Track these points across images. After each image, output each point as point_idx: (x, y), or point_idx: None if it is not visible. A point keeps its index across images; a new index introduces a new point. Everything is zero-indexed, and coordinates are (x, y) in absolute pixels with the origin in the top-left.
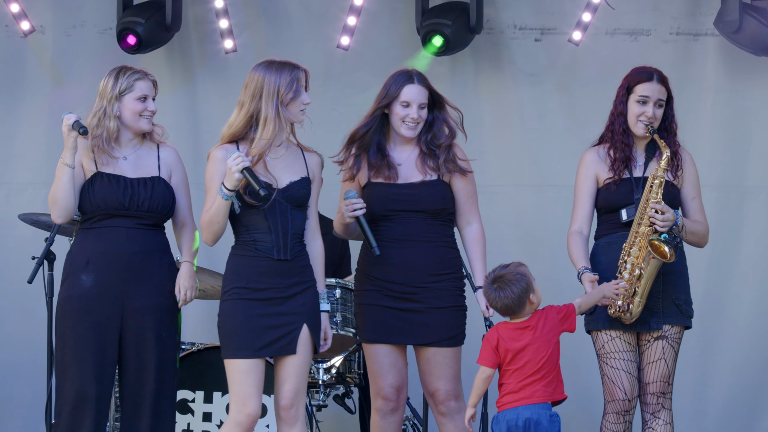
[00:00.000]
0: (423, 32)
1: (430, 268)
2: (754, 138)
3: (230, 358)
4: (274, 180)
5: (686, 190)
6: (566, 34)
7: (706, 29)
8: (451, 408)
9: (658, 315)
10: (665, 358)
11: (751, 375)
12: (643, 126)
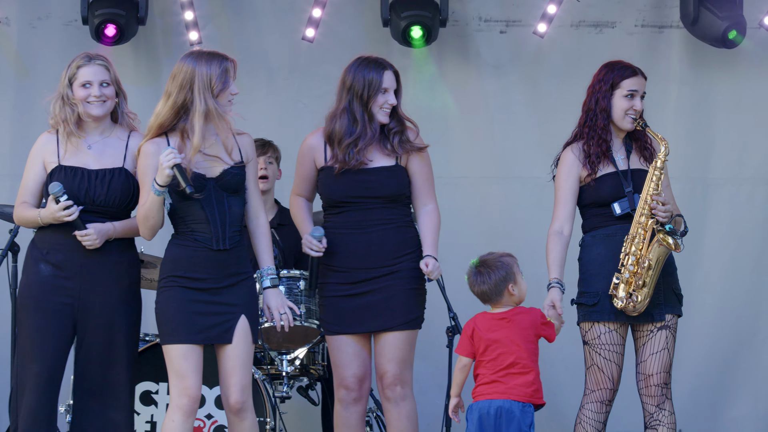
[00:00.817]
0: (403, 24)
1: (391, 249)
2: (719, 130)
3: (167, 344)
4: (204, 170)
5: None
6: (531, 26)
7: (671, 21)
8: (396, 393)
9: (660, 306)
10: (668, 348)
11: (716, 366)
12: (631, 120)
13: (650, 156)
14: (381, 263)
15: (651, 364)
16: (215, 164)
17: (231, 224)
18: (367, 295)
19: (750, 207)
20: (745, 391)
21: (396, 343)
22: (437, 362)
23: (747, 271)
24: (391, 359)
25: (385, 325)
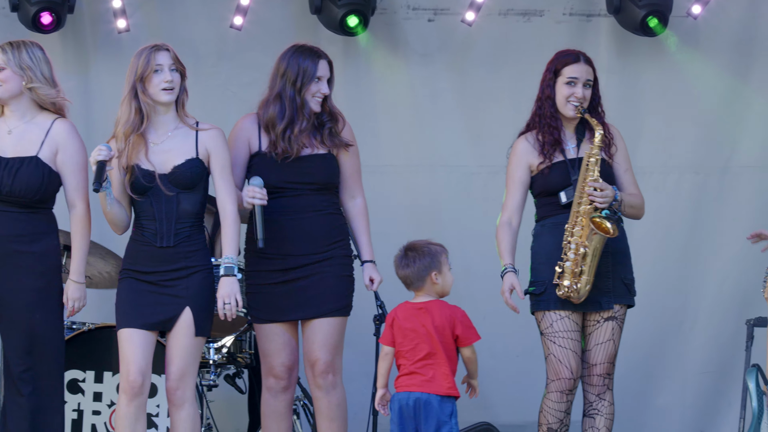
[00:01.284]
0: (342, 12)
1: (323, 236)
2: (646, 119)
3: (117, 330)
4: (153, 166)
5: (618, 164)
6: (459, 14)
7: (599, 10)
8: (327, 382)
9: (608, 295)
10: (614, 339)
11: (644, 354)
12: (573, 107)
13: (608, 144)
14: (312, 250)
15: (595, 354)
16: (167, 159)
17: (178, 221)
18: (298, 281)
19: (677, 196)
20: (672, 379)
21: (328, 329)
22: (364, 350)
23: (674, 259)
24: (323, 346)
25: (315, 312)
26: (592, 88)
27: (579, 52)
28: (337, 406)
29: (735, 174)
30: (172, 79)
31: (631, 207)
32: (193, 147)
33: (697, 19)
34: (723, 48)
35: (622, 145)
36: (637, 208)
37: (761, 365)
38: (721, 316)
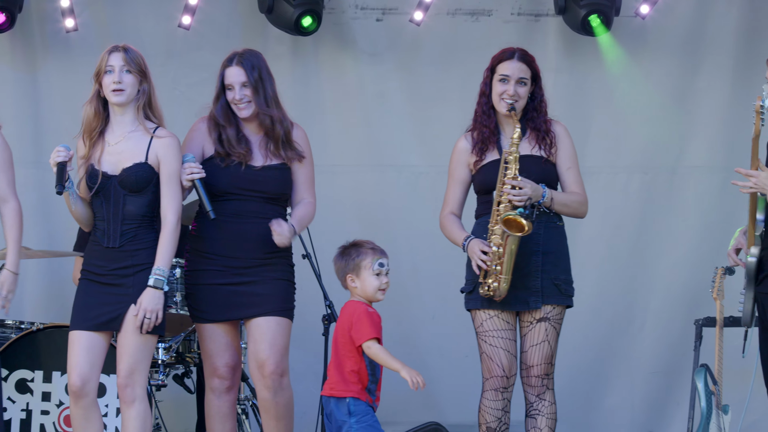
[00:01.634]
0: (297, 12)
1: (265, 243)
2: (594, 119)
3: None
4: (104, 167)
5: (560, 162)
6: (408, 14)
7: (547, 10)
8: (276, 383)
9: (536, 294)
10: (548, 340)
11: (592, 355)
12: (505, 104)
13: (550, 143)
14: (253, 255)
15: (531, 355)
16: (119, 161)
17: (124, 222)
18: (240, 285)
19: (625, 195)
20: (621, 379)
21: (276, 329)
22: (313, 350)
23: (622, 259)
24: (272, 346)
25: (261, 311)
26: (532, 86)
27: (516, 50)
28: (284, 407)
29: (683, 174)
30: (121, 81)
31: (564, 206)
32: (145, 151)
33: (645, 19)
34: (671, 48)
35: (566, 144)
36: (573, 208)
37: (709, 365)
38: (670, 316)
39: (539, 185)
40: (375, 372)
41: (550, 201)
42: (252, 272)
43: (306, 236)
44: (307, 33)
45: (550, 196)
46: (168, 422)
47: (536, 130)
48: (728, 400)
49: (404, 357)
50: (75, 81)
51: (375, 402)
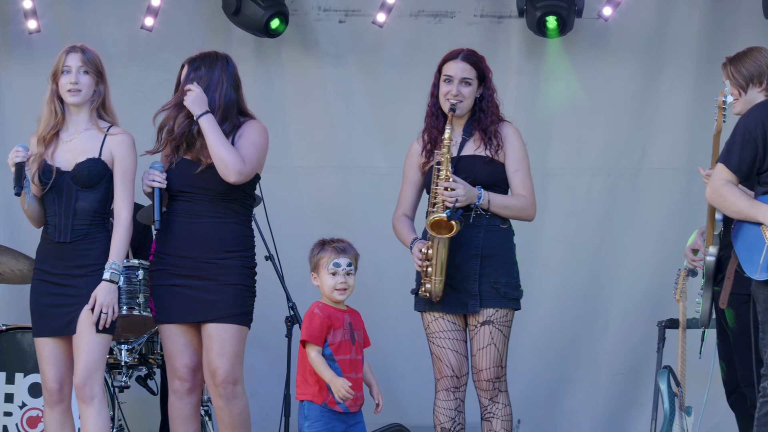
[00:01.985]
0: (267, 15)
1: (217, 242)
2: (556, 120)
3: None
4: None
5: (508, 165)
6: (370, 15)
7: (509, 12)
8: (228, 391)
9: (474, 298)
10: (495, 343)
11: (555, 356)
12: (449, 105)
13: (497, 144)
14: (209, 255)
15: (479, 359)
16: (71, 157)
17: (75, 217)
18: (195, 288)
19: (588, 197)
20: (583, 380)
21: (225, 337)
22: (276, 351)
23: (585, 261)
24: (222, 354)
25: (212, 317)
26: (480, 86)
27: (463, 50)
28: (239, 415)
29: (646, 176)
30: (77, 81)
31: (504, 208)
32: (98, 148)
33: (608, 21)
34: (634, 50)
35: (515, 146)
36: (515, 210)
37: (672, 367)
38: (633, 317)
39: (475, 187)
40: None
41: (487, 203)
42: (207, 274)
43: (269, 237)
44: (276, 35)
45: (486, 198)
46: (131, 424)
47: (483, 130)
48: (691, 402)
49: (367, 357)
50: (37, 82)
51: (345, 401)
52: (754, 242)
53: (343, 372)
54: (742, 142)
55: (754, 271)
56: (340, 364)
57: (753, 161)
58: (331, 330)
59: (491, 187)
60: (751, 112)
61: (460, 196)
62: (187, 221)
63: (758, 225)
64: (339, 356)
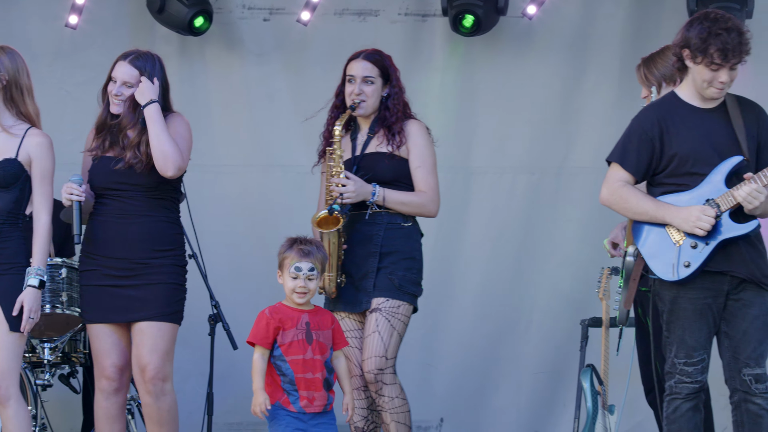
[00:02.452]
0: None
1: (151, 242)
2: (481, 119)
3: None
4: None
5: (411, 160)
6: (295, 14)
7: (434, 10)
8: (157, 388)
9: (369, 293)
10: (378, 330)
11: (479, 355)
12: (350, 102)
13: (400, 140)
14: (139, 255)
15: (363, 348)
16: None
17: None
18: (127, 288)
19: (511, 195)
20: (507, 379)
21: (158, 334)
22: (200, 350)
23: (508, 259)
24: (152, 351)
25: (144, 316)
26: (386, 84)
27: (366, 50)
28: (167, 412)
29: (570, 174)
30: None
31: (402, 204)
32: (16, 149)
33: (532, 20)
34: (558, 48)
35: (418, 142)
36: (414, 206)
37: (595, 365)
38: (556, 316)
39: (370, 184)
40: (284, 369)
41: (382, 199)
42: (137, 274)
43: (192, 236)
44: (199, 33)
45: (381, 194)
46: (54, 422)
47: (387, 127)
48: (614, 400)
49: None
50: None
51: (300, 401)
52: (661, 243)
53: (296, 372)
54: (639, 142)
55: (666, 273)
56: (291, 364)
57: (650, 161)
58: (281, 330)
59: (394, 184)
60: (645, 111)
61: (349, 192)
62: (118, 221)
63: (662, 226)
64: (290, 356)
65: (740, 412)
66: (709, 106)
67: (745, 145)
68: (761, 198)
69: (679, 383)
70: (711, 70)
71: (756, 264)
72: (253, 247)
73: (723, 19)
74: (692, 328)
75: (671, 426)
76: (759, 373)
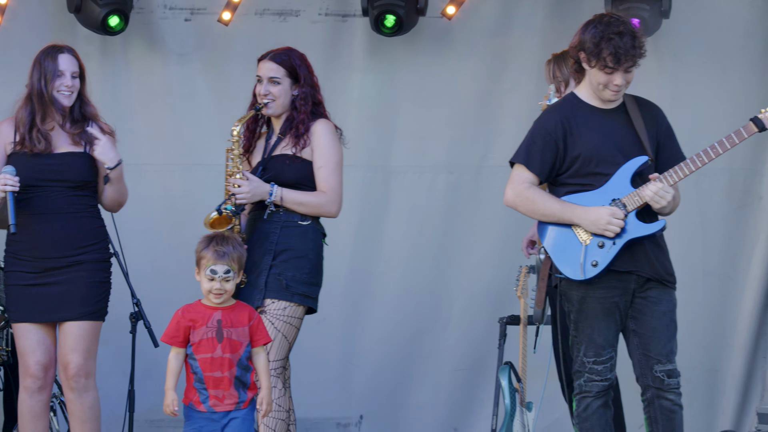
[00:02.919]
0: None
1: (74, 239)
2: (400, 119)
3: None
4: None
5: (314, 161)
6: (216, 14)
7: (354, 10)
8: (80, 384)
9: (261, 291)
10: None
11: (398, 352)
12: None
13: (304, 141)
14: (65, 253)
15: None
16: None
17: None
18: (51, 285)
19: (431, 195)
20: (426, 377)
21: (80, 333)
22: (121, 348)
23: (428, 257)
24: (75, 349)
25: (68, 315)
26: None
27: (274, 50)
28: (89, 408)
29: (489, 174)
30: None
31: (300, 204)
32: None
33: (452, 20)
34: (477, 48)
35: (320, 142)
36: (312, 206)
37: (513, 363)
38: (475, 314)
39: (268, 183)
40: (194, 367)
41: (280, 199)
42: (62, 271)
43: (113, 234)
44: (115, 33)
45: (279, 194)
46: None
47: (294, 128)
48: (532, 398)
49: None
50: None
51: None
52: (567, 242)
53: (204, 371)
54: (543, 143)
55: (574, 272)
56: (200, 362)
57: (554, 162)
58: (192, 329)
59: (297, 185)
60: (548, 113)
61: (243, 193)
62: (41, 219)
63: (568, 226)
64: (199, 354)
65: (653, 408)
66: (609, 107)
67: (648, 145)
68: (668, 198)
69: (588, 381)
70: (605, 74)
71: (660, 263)
72: (175, 245)
73: (616, 23)
74: (600, 327)
75: (583, 424)
76: (670, 369)
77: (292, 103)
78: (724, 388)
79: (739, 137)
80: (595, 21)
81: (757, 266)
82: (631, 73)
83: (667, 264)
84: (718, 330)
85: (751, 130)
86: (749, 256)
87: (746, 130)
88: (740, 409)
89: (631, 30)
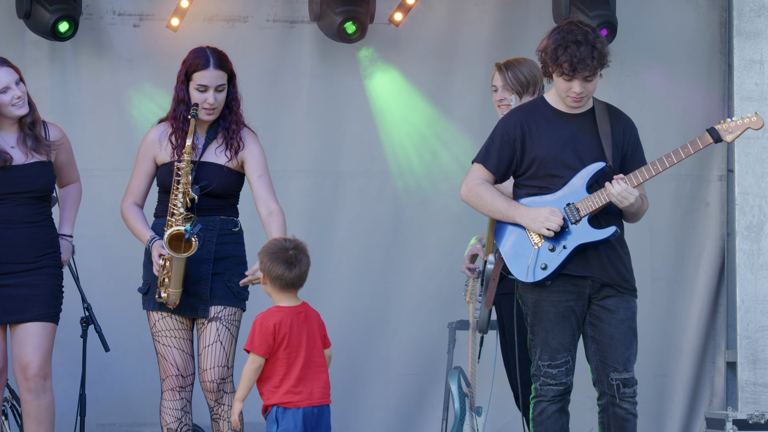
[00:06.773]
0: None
1: (34, 247)
2: (348, 124)
3: None
4: None
5: (251, 170)
6: (164, 20)
7: (302, 17)
8: (39, 385)
9: (205, 303)
10: (221, 341)
11: (347, 358)
12: (204, 113)
13: (237, 148)
14: (23, 260)
15: (204, 358)
16: None
17: None
18: (9, 287)
19: (379, 200)
20: (376, 381)
21: (43, 333)
22: (71, 352)
23: (376, 263)
24: (37, 350)
25: (28, 316)
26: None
27: (210, 55)
28: (46, 410)
29: (437, 179)
30: None
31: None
32: None
33: (399, 27)
34: (425, 55)
35: (254, 150)
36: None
37: (463, 367)
38: (424, 319)
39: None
40: None
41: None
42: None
43: None
44: (64, 38)
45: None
46: None
47: (226, 129)
48: (482, 402)
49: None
50: None
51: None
52: (521, 244)
53: None
54: (501, 144)
55: (523, 274)
56: None
57: (510, 162)
58: None
59: (226, 197)
60: (510, 114)
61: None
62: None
63: (524, 228)
64: None
65: (607, 415)
66: (575, 112)
67: (609, 152)
68: (630, 199)
69: (544, 386)
70: (564, 80)
71: (615, 268)
72: (125, 250)
73: (577, 31)
74: (555, 331)
75: (538, 428)
76: (627, 377)
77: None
78: (673, 393)
79: (694, 147)
80: (559, 27)
81: (705, 272)
82: (591, 82)
83: (623, 271)
84: (667, 335)
85: (707, 140)
86: (697, 262)
87: (702, 140)
88: (689, 414)
89: (591, 39)
